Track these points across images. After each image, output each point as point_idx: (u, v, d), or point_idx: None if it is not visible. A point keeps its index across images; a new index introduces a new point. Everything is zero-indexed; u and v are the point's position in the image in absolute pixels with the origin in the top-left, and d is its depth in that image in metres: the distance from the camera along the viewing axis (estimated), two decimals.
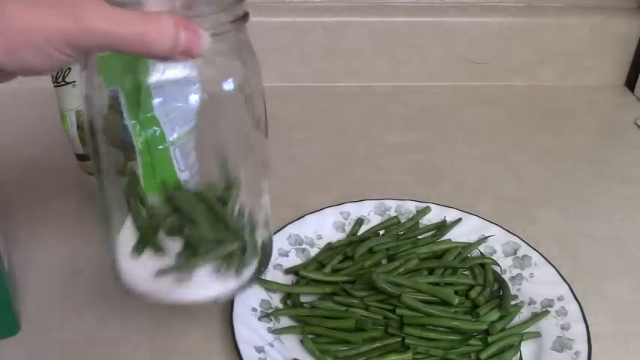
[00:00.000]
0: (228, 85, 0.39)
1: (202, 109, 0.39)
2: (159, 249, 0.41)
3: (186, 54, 0.31)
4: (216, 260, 0.42)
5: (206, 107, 0.39)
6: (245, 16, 0.38)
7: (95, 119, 0.39)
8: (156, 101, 0.53)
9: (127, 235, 0.43)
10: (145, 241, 0.41)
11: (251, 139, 0.41)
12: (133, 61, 0.48)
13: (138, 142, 0.45)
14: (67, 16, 0.30)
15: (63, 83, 0.49)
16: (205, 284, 0.43)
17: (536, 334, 0.53)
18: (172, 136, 0.54)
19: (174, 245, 0.41)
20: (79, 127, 0.52)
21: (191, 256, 0.41)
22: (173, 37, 0.31)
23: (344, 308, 0.54)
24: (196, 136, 0.40)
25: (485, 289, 0.56)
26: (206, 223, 0.41)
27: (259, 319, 0.53)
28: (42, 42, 0.30)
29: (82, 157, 0.59)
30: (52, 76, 0.49)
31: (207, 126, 0.40)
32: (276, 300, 0.56)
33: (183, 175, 0.56)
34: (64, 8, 0.30)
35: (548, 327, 0.53)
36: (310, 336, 0.52)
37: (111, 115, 0.41)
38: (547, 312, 0.54)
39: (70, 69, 0.48)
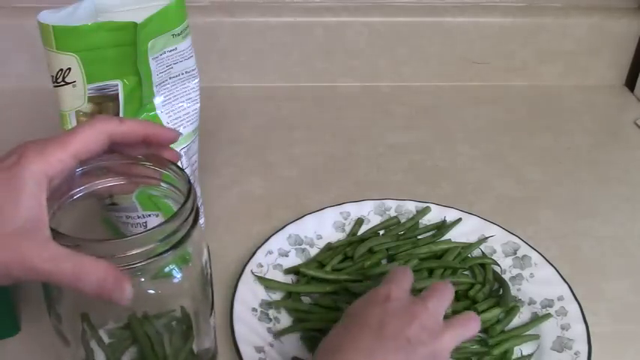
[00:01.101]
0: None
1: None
2: None
3: (110, 300, 0.35)
4: None
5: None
6: (193, 225, 0.39)
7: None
8: (158, 100, 0.53)
9: None
10: None
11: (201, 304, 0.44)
12: (132, 52, 0.49)
13: None
14: (12, 254, 0.33)
15: (63, 83, 0.49)
16: None
17: (535, 337, 0.53)
18: None
19: None
20: None
21: None
22: (100, 285, 0.34)
23: (344, 305, 0.54)
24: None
25: (484, 286, 0.56)
26: None
27: (259, 318, 0.53)
28: None
29: None
30: (52, 77, 0.49)
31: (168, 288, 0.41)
32: (276, 300, 0.56)
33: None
34: (10, 245, 0.33)
35: (548, 327, 0.53)
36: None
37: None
38: (549, 315, 0.54)
39: (70, 69, 0.48)
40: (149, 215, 0.55)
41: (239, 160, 0.75)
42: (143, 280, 0.38)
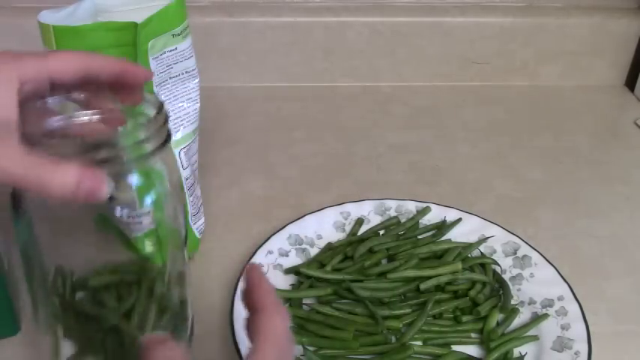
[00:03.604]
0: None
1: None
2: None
3: (87, 199, 0.33)
4: None
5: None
6: (166, 141, 0.38)
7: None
8: None
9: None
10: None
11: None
12: (132, 52, 0.49)
13: None
14: None
15: None
16: None
17: (535, 338, 0.53)
18: (176, 136, 0.55)
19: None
20: None
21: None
22: (75, 184, 0.33)
23: (343, 315, 0.54)
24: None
25: (485, 286, 0.56)
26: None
27: None
28: None
29: None
30: None
31: None
32: None
33: (184, 173, 0.56)
34: None
35: (549, 327, 0.53)
36: (311, 348, 0.52)
37: None
38: (547, 315, 0.54)
39: None
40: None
41: (239, 160, 0.75)
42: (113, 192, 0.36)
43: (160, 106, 0.38)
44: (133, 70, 0.39)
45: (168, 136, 0.38)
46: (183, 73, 0.54)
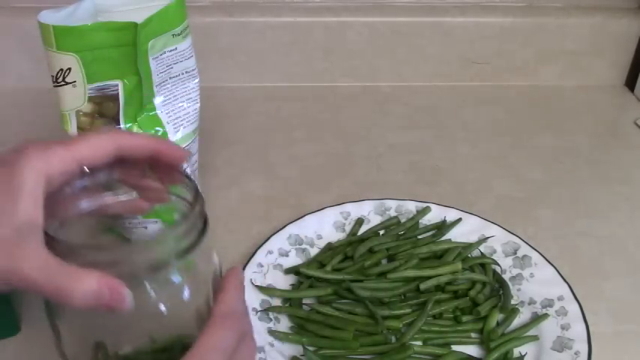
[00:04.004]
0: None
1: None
2: None
3: (109, 310, 0.32)
4: None
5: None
6: (204, 230, 0.36)
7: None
8: (158, 100, 0.53)
9: None
10: None
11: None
12: (132, 52, 0.49)
13: None
14: (6, 261, 0.31)
15: (63, 83, 0.49)
16: None
17: (535, 338, 0.53)
18: (176, 137, 0.55)
19: None
20: (80, 127, 0.52)
21: None
22: (95, 296, 0.32)
23: (343, 314, 0.54)
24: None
25: (485, 286, 0.56)
26: None
27: (259, 318, 0.53)
28: None
29: None
30: (52, 77, 0.49)
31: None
32: (276, 300, 0.56)
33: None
34: (5, 250, 0.31)
35: (549, 327, 0.53)
36: (311, 348, 0.52)
37: None
38: (547, 315, 0.54)
39: (70, 69, 0.48)
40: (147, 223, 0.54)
41: (239, 160, 0.75)
42: (150, 294, 0.35)
43: (196, 193, 0.36)
44: (168, 150, 0.37)
45: (206, 225, 0.36)
46: (183, 73, 0.54)
